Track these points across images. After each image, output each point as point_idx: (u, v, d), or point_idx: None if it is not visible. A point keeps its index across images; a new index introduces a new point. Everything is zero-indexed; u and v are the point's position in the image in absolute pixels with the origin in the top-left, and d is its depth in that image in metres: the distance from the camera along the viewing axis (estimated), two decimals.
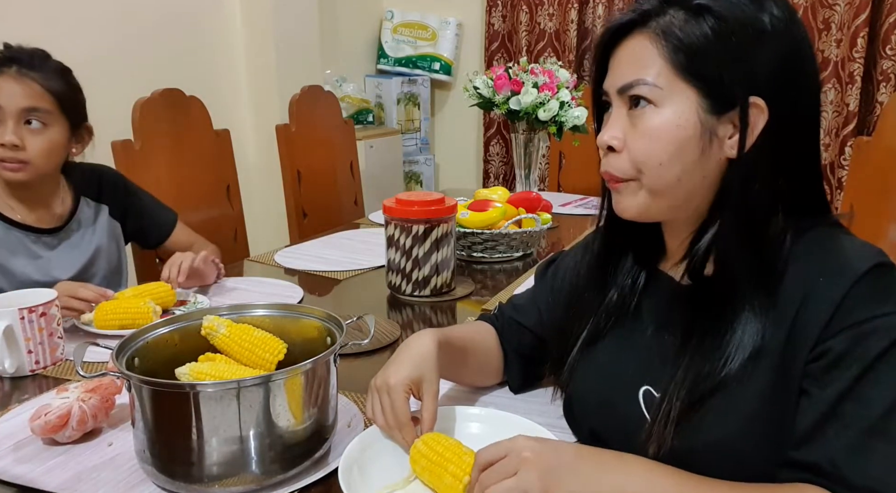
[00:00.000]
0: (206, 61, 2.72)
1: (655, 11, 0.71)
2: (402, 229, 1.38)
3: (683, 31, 0.69)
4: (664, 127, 0.70)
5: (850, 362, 0.64)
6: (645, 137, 0.72)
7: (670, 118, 0.70)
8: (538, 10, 3.42)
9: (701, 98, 0.70)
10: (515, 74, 2.16)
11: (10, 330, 1.03)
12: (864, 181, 1.47)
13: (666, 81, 0.70)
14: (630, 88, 0.72)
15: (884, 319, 0.64)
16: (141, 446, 0.77)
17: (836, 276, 0.66)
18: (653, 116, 0.71)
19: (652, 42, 0.71)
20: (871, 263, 0.66)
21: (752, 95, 0.69)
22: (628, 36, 0.73)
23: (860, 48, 2.81)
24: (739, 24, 0.68)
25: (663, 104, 0.70)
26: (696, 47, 0.69)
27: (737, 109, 0.69)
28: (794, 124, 0.71)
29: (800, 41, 0.71)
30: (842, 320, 0.65)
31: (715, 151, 0.71)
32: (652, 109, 0.71)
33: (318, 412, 0.80)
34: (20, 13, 2.09)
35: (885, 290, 0.65)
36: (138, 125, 1.78)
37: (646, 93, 0.71)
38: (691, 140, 0.70)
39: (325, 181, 2.38)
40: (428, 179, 3.70)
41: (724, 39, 0.68)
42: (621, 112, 0.74)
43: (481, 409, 0.88)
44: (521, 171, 2.31)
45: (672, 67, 0.70)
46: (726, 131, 0.71)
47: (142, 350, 0.83)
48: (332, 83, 3.12)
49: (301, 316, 0.92)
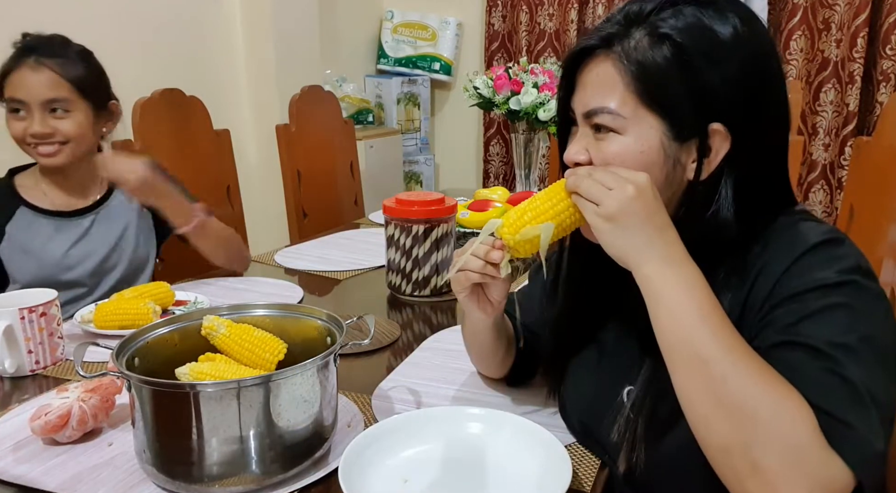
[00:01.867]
0: (206, 61, 2.72)
1: (619, 35, 0.72)
2: (402, 229, 1.38)
3: (645, 60, 0.71)
4: (627, 153, 0.72)
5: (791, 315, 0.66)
6: (608, 160, 0.73)
7: (633, 146, 0.72)
8: (538, 10, 3.42)
9: (664, 125, 0.71)
10: (515, 74, 2.16)
11: (11, 330, 1.03)
12: (863, 181, 1.47)
13: (629, 110, 0.72)
14: (594, 114, 0.74)
15: (822, 282, 0.66)
16: (141, 446, 0.77)
17: (787, 250, 0.69)
18: (615, 142, 0.73)
19: (615, 68, 0.72)
20: (821, 238, 0.68)
21: (714, 123, 0.70)
22: (593, 57, 0.75)
23: (860, 48, 2.81)
24: (701, 54, 0.70)
25: (626, 132, 0.72)
26: (657, 76, 0.70)
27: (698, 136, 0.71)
28: (759, 147, 0.73)
29: (765, 67, 0.73)
30: (786, 283, 0.67)
31: (678, 174, 0.74)
32: (614, 136, 0.73)
33: (318, 412, 0.80)
34: (21, 13, 2.09)
35: (829, 259, 0.68)
36: (138, 125, 1.78)
37: (608, 122, 0.73)
38: (654, 166, 0.72)
39: (325, 181, 2.38)
40: (428, 179, 3.70)
41: (685, 69, 0.70)
42: (586, 130, 0.76)
43: (481, 409, 0.88)
44: (521, 171, 2.31)
45: (634, 95, 0.71)
46: (690, 156, 0.73)
47: (142, 350, 0.83)
48: (332, 83, 3.12)
49: (301, 316, 0.92)
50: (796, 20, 2.93)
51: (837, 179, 3.02)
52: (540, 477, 0.76)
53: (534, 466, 0.78)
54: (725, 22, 0.71)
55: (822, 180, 3.03)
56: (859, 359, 0.63)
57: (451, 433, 0.84)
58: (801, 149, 2.84)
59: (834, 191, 3.03)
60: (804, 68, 2.98)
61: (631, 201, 0.68)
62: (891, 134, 1.36)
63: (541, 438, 0.81)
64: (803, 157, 2.98)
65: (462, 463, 0.81)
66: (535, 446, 0.80)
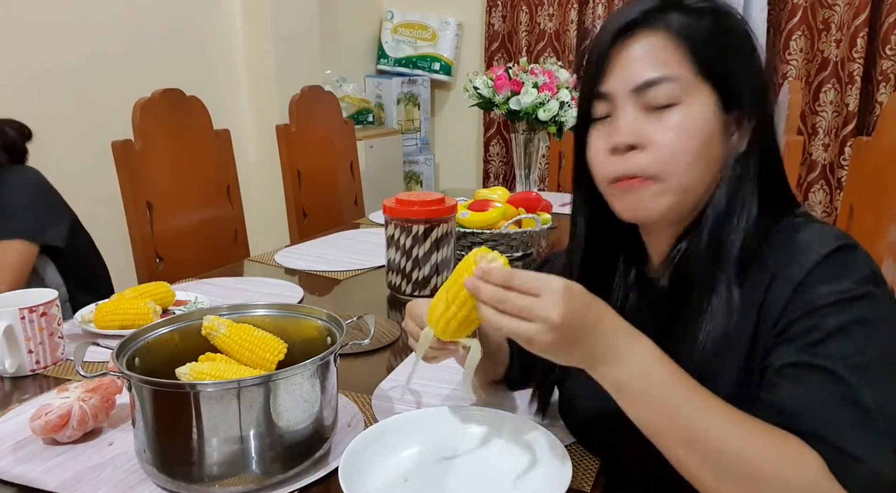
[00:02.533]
0: (206, 61, 2.72)
1: (659, 9, 0.72)
2: (402, 229, 1.38)
3: (695, 29, 0.71)
4: (692, 124, 0.71)
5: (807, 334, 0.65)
6: (672, 133, 0.71)
7: (695, 115, 0.71)
8: (538, 10, 3.42)
9: (716, 95, 0.72)
10: (515, 75, 2.16)
11: (11, 330, 1.03)
12: (863, 181, 1.47)
13: (686, 80, 0.71)
14: (651, 85, 0.71)
15: (839, 295, 0.65)
16: (141, 445, 0.77)
17: (800, 257, 0.68)
18: (678, 113, 0.71)
19: (667, 37, 0.72)
20: (833, 245, 0.68)
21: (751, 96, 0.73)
22: (633, 35, 0.73)
23: (860, 48, 2.81)
24: (736, 26, 0.73)
25: (687, 102, 0.71)
26: (709, 45, 0.71)
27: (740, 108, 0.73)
28: (770, 122, 0.74)
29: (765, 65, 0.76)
30: (801, 298, 0.66)
31: (727, 149, 0.73)
32: (677, 108, 0.71)
33: (318, 412, 0.80)
34: (21, 13, 2.09)
35: (844, 269, 0.67)
36: (138, 125, 1.78)
37: (667, 92, 0.71)
38: (713, 136, 0.72)
39: (325, 181, 2.38)
40: (428, 179, 3.70)
41: (728, 39, 0.72)
42: (634, 112, 0.72)
43: (481, 409, 0.88)
44: (521, 171, 2.31)
45: (691, 65, 0.71)
46: (735, 129, 0.74)
47: (142, 350, 0.83)
48: (332, 83, 3.12)
49: (301, 316, 0.92)
50: (796, 20, 2.93)
51: (837, 179, 3.02)
52: (540, 477, 0.76)
53: (534, 466, 0.78)
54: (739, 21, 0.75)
55: (822, 180, 3.03)
56: (876, 378, 0.62)
57: (451, 433, 0.84)
58: (801, 149, 2.84)
59: (834, 191, 3.03)
60: (804, 68, 2.98)
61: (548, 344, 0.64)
62: (890, 134, 1.36)
63: (541, 438, 0.81)
64: (803, 157, 2.98)
65: (462, 463, 0.81)
66: (535, 446, 0.80)
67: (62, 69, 2.17)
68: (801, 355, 0.65)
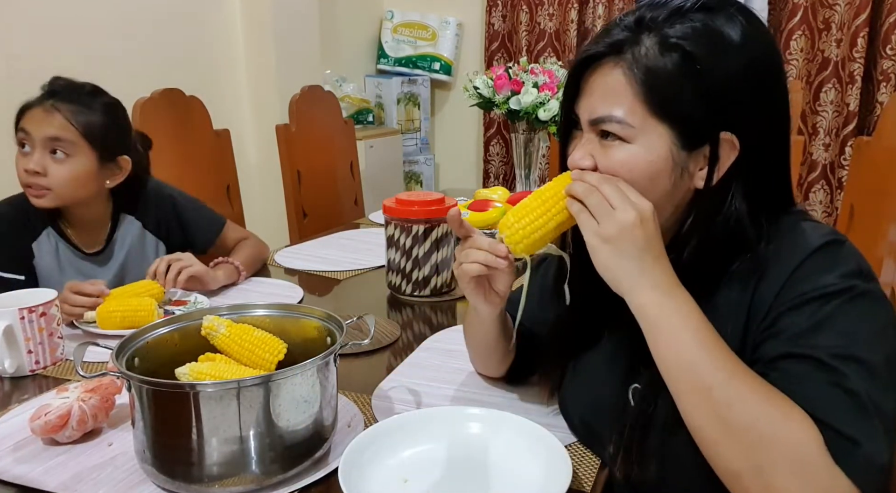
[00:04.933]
0: (206, 61, 2.72)
1: (628, 42, 0.72)
2: (402, 229, 1.38)
3: (655, 68, 0.70)
4: (634, 161, 0.72)
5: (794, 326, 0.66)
6: (617, 167, 0.73)
7: (641, 154, 0.72)
8: (538, 10, 3.42)
9: (673, 134, 0.71)
10: (515, 74, 2.16)
11: (10, 330, 1.03)
12: (864, 181, 1.47)
13: (638, 119, 0.71)
14: (601, 122, 0.73)
15: (825, 289, 0.66)
16: (141, 446, 0.77)
17: (788, 255, 0.69)
18: (623, 150, 0.73)
19: (625, 76, 0.72)
20: (820, 242, 0.69)
21: (724, 132, 0.71)
22: (601, 63, 0.74)
23: (860, 48, 2.81)
24: (711, 61, 0.70)
25: (635, 140, 0.72)
26: (667, 85, 0.70)
27: (707, 145, 0.72)
28: (764, 154, 0.73)
29: (772, 70, 0.73)
30: (788, 293, 0.68)
31: (685, 183, 0.74)
32: (622, 145, 0.73)
33: (318, 412, 0.80)
34: (21, 13, 2.09)
35: (832, 263, 0.68)
36: (138, 125, 1.78)
37: (616, 130, 0.72)
38: (662, 174, 0.72)
39: (325, 181, 2.38)
40: (428, 179, 3.70)
41: (695, 77, 0.70)
42: (592, 138, 0.76)
43: (481, 409, 0.88)
44: (521, 171, 2.31)
45: (644, 104, 0.71)
46: (697, 164, 0.73)
47: (142, 350, 0.83)
48: (332, 83, 3.12)
49: (301, 316, 0.92)
50: (796, 20, 2.93)
51: (838, 179, 3.02)
52: (540, 477, 0.76)
53: (534, 466, 0.78)
54: (734, 27, 0.71)
55: (823, 180, 3.03)
56: (864, 368, 0.63)
57: (451, 433, 0.84)
58: (801, 149, 2.84)
59: (834, 191, 3.03)
60: (804, 68, 2.98)
61: (632, 228, 0.68)
62: (891, 134, 1.36)
63: (541, 438, 0.81)
64: (803, 157, 2.98)
65: (462, 463, 0.81)
66: (535, 446, 0.80)
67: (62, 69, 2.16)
68: (787, 347, 0.66)
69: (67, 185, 1.33)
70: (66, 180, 1.32)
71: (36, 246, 1.36)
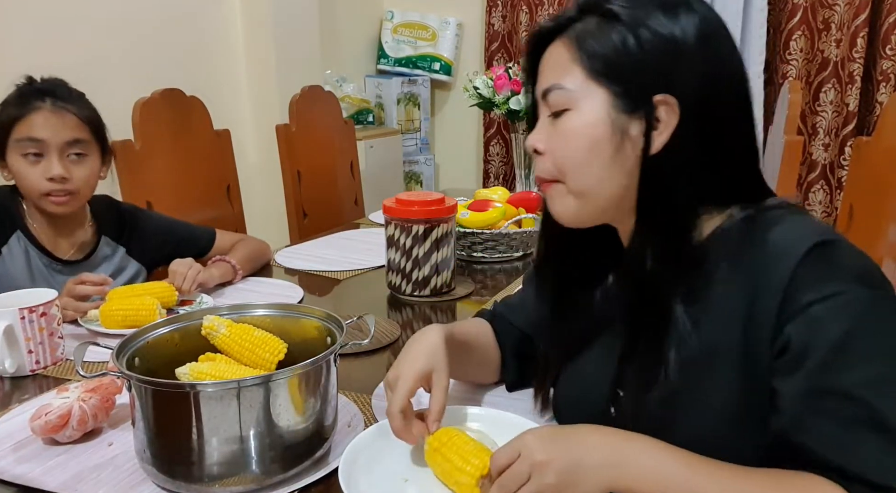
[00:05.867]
0: (206, 61, 2.72)
1: (573, 18, 0.74)
2: (402, 229, 1.38)
3: (594, 37, 0.72)
4: (578, 128, 0.73)
5: (813, 352, 0.63)
6: (562, 138, 0.74)
7: (583, 119, 0.73)
8: (538, 10, 3.42)
9: (611, 98, 0.72)
10: (515, 74, 2.16)
11: (11, 330, 1.03)
12: (863, 181, 1.47)
13: (577, 83, 0.73)
14: (548, 92, 0.75)
15: (832, 300, 0.63)
16: (141, 445, 0.77)
17: (777, 262, 0.66)
18: (569, 119, 0.74)
19: (566, 48, 0.74)
20: (809, 243, 0.65)
21: (661, 94, 0.70)
22: (551, 43, 0.76)
23: (860, 48, 2.81)
24: (648, 30, 0.70)
25: (577, 107, 0.73)
26: (601, 47, 0.71)
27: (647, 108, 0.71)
28: (712, 120, 0.71)
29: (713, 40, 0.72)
30: (791, 306, 0.64)
31: (630, 150, 0.72)
32: (569, 113, 0.74)
33: (319, 412, 0.80)
34: (21, 13, 2.09)
35: (827, 269, 0.64)
36: (138, 125, 1.79)
37: (559, 98, 0.74)
38: (602, 139, 0.72)
39: (325, 181, 2.38)
40: (428, 179, 3.70)
41: (632, 44, 0.70)
42: (545, 117, 0.77)
43: (481, 409, 0.88)
44: (521, 171, 2.31)
45: (582, 68, 0.72)
46: (639, 129, 0.72)
47: (142, 350, 0.83)
48: (332, 83, 3.12)
49: (301, 316, 0.92)
50: (796, 20, 2.93)
51: (837, 179, 3.02)
52: None
53: None
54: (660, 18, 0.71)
55: (822, 180, 3.03)
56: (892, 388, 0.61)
57: None
58: (801, 149, 2.84)
59: (834, 191, 3.03)
60: (804, 68, 2.98)
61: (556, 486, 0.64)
62: (891, 134, 1.36)
63: None
64: (803, 157, 2.98)
65: None
66: None
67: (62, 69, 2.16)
68: (810, 381, 0.62)
69: (88, 185, 1.32)
70: (87, 181, 1.32)
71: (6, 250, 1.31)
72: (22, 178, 1.28)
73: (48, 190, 1.27)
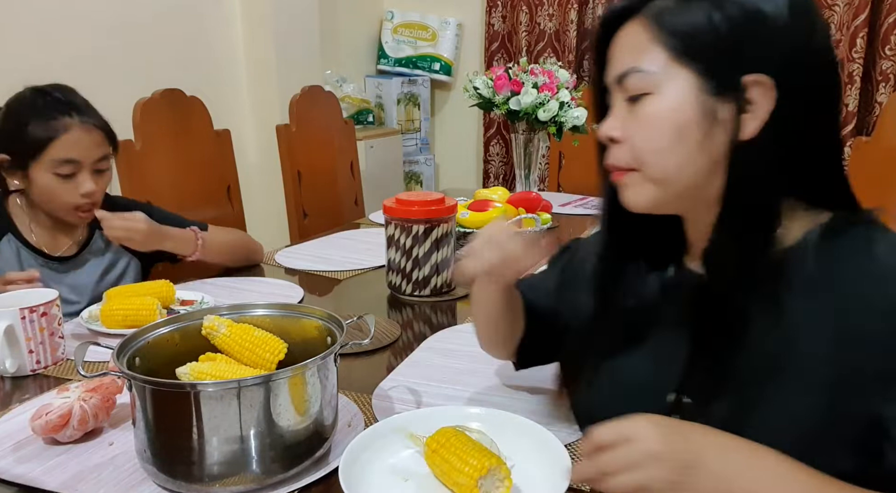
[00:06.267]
0: (206, 62, 2.73)
1: None
2: (403, 229, 1.38)
3: (675, 14, 0.67)
4: (661, 112, 0.68)
5: None
6: (643, 124, 0.70)
7: (667, 103, 0.68)
8: (538, 10, 3.42)
9: (699, 79, 0.67)
10: (515, 75, 2.16)
11: (11, 330, 1.03)
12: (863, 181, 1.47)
13: (659, 65, 0.68)
14: (624, 78, 0.70)
15: None
16: (142, 445, 0.77)
17: (885, 284, 0.62)
18: (650, 103, 0.69)
19: (644, 28, 0.69)
20: None
21: (752, 74, 0.65)
22: (624, 25, 0.71)
23: (859, 48, 2.81)
24: (734, 4, 0.65)
25: (659, 90, 0.68)
26: (687, 25, 0.67)
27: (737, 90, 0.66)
28: (807, 104, 0.67)
29: (807, 14, 0.67)
30: None
31: (719, 134, 0.67)
32: (649, 98, 0.69)
33: (319, 412, 0.80)
34: (21, 13, 2.09)
35: None
36: (139, 125, 1.79)
37: (638, 82, 0.69)
38: (691, 124, 0.67)
39: (325, 181, 2.39)
40: (428, 179, 3.70)
41: (717, 20, 0.65)
42: (621, 103, 0.72)
43: (481, 409, 0.88)
44: (521, 171, 2.31)
45: (664, 49, 0.68)
46: (730, 112, 0.67)
47: (143, 350, 0.84)
48: (332, 83, 3.12)
49: (301, 316, 0.92)
50: None
51: None
52: (540, 477, 0.76)
53: (534, 466, 0.78)
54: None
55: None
56: None
57: None
58: None
59: None
60: None
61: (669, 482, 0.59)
62: (890, 134, 1.36)
63: (541, 438, 0.81)
64: None
65: None
66: (535, 445, 0.80)
67: (62, 70, 2.17)
68: None
69: (103, 194, 1.35)
70: (104, 190, 1.35)
71: None
72: (51, 193, 1.29)
73: (79, 205, 1.30)
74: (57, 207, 1.31)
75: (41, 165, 1.26)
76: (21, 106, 1.28)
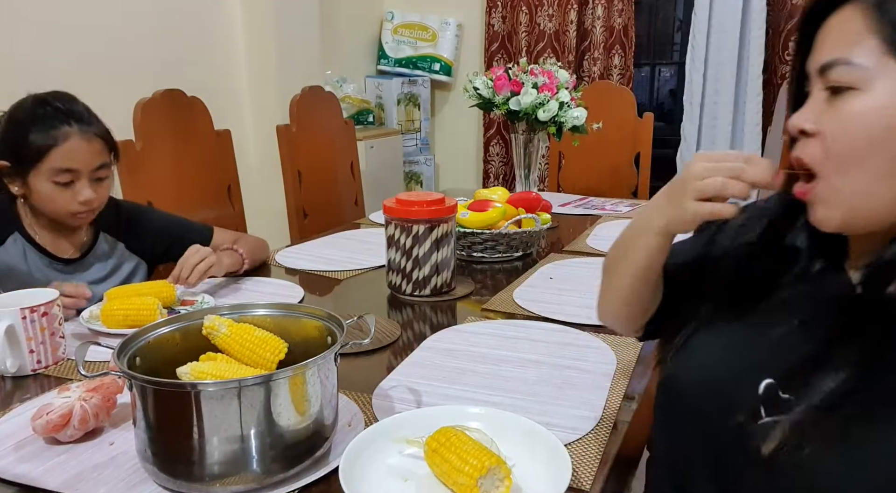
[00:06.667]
0: (207, 62, 2.73)
1: None
2: (403, 229, 1.38)
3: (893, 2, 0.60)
4: (866, 111, 0.61)
5: None
6: (842, 121, 0.62)
7: (874, 102, 0.61)
8: (538, 10, 3.42)
9: None
10: (515, 75, 2.16)
11: (12, 330, 1.03)
12: None
13: (872, 59, 0.61)
14: (829, 68, 0.63)
15: None
16: (142, 445, 0.77)
17: None
18: (854, 99, 0.62)
19: (862, 14, 0.62)
20: None
21: None
22: (838, 9, 0.64)
23: None
24: None
25: (868, 87, 0.61)
26: None
27: None
28: None
29: None
30: None
31: None
32: (854, 93, 0.62)
33: (319, 412, 0.80)
34: (21, 13, 2.10)
35: None
36: (139, 126, 1.79)
37: (845, 75, 0.62)
38: None
39: (325, 181, 2.39)
40: (428, 179, 3.70)
41: None
42: (820, 94, 0.65)
43: (481, 409, 0.88)
44: (520, 171, 2.31)
45: (883, 43, 0.60)
46: None
47: (143, 350, 0.84)
48: (332, 84, 3.12)
49: (302, 316, 0.92)
50: (796, 20, 2.94)
51: None
52: (540, 477, 0.77)
53: (533, 465, 0.78)
54: None
55: None
56: None
57: None
58: None
59: None
60: None
61: None
62: None
63: (541, 437, 0.81)
64: None
65: None
66: (535, 445, 0.81)
67: (62, 70, 2.17)
68: None
69: (104, 201, 1.36)
70: (105, 197, 1.35)
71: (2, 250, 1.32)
72: (50, 200, 1.30)
73: (77, 211, 1.31)
74: (54, 212, 1.32)
75: (40, 173, 1.27)
76: (22, 114, 1.28)
